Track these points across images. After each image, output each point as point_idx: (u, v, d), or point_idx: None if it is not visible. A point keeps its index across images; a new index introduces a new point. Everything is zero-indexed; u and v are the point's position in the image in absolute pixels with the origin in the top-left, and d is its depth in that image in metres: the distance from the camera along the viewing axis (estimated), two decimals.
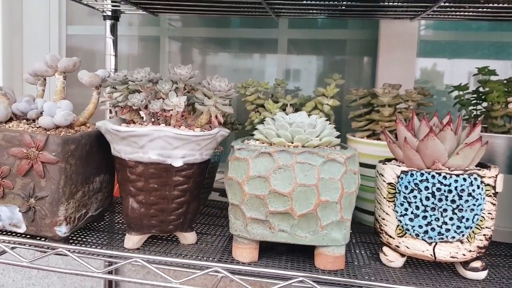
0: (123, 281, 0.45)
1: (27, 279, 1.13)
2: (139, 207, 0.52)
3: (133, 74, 0.52)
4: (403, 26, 0.91)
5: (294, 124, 0.52)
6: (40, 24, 1.15)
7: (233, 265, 0.46)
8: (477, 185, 0.47)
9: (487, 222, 0.48)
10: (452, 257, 0.48)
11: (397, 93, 0.67)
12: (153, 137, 0.49)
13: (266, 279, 0.45)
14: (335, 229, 0.49)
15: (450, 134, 0.49)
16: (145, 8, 0.90)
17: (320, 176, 0.48)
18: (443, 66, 1.02)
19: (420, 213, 0.48)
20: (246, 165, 0.49)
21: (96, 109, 0.59)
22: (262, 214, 0.49)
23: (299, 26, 1.05)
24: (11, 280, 1.14)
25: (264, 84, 0.73)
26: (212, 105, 0.54)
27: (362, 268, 0.51)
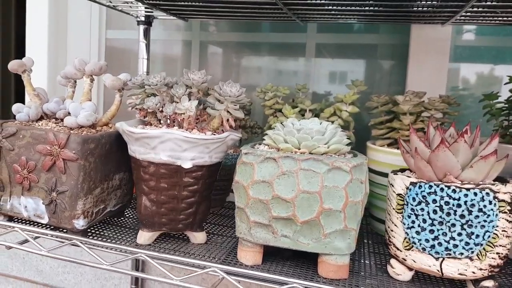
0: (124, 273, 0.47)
1: (62, 267, 1.21)
2: (151, 205, 0.55)
3: (149, 78, 0.55)
4: (434, 31, 0.88)
5: (302, 131, 0.52)
6: (82, 29, 1.23)
7: (230, 266, 0.47)
8: (489, 200, 0.44)
9: (501, 240, 0.46)
10: (460, 274, 0.46)
11: (419, 101, 0.65)
12: (164, 139, 0.51)
13: (262, 283, 0.46)
14: (338, 237, 0.49)
15: (464, 146, 0.47)
16: (175, 14, 0.93)
17: (323, 184, 0.48)
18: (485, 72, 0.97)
19: (427, 227, 0.46)
20: (251, 170, 0.50)
21: (118, 110, 0.63)
22: (265, 219, 0.50)
23: (328, 31, 1.04)
24: (48, 267, 1.23)
25: (282, 89, 0.73)
26: (224, 109, 0.55)
27: (367, 279, 0.51)
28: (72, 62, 0.67)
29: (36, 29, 1.20)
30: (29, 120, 0.60)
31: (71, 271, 1.20)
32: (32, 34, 1.21)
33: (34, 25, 1.20)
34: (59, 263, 1.21)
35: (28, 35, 1.21)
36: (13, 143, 0.56)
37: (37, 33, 1.20)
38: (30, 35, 1.21)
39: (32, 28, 1.21)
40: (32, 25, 1.21)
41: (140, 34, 1.01)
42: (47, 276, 1.23)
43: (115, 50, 1.26)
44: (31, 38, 1.21)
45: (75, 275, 1.20)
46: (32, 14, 1.20)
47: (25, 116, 0.60)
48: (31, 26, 1.21)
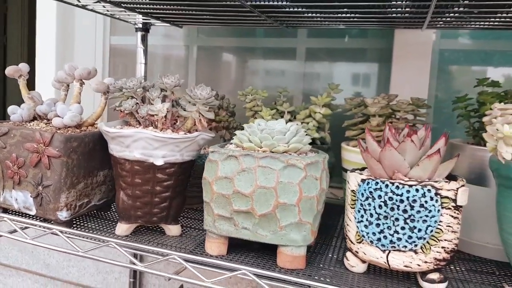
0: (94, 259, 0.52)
1: (67, 261, 1.28)
2: (127, 199, 0.59)
3: (127, 82, 0.59)
4: (416, 35, 0.90)
5: (264, 131, 0.56)
6: (87, 36, 1.30)
7: (186, 254, 0.51)
8: (430, 196, 0.47)
9: (446, 234, 0.48)
10: (406, 266, 0.49)
11: (386, 103, 0.67)
12: (136, 138, 0.55)
13: (216, 269, 0.50)
14: (294, 230, 0.52)
15: (410, 145, 0.50)
16: (168, 21, 0.99)
17: (279, 180, 0.51)
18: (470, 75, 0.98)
19: (374, 221, 0.49)
20: (216, 167, 0.54)
21: (103, 112, 0.68)
22: (227, 212, 0.54)
23: (317, 36, 1.08)
24: (55, 261, 1.30)
25: (261, 92, 0.77)
26: (195, 111, 0.59)
27: (322, 270, 0.54)
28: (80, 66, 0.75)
29: (45, 36, 1.28)
30: (22, 120, 0.66)
31: (75, 265, 1.27)
32: (42, 41, 1.29)
33: (43, 33, 1.28)
34: (64, 257, 1.28)
35: (38, 42, 1.29)
36: (5, 141, 0.61)
37: (46, 40, 1.28)
38: (39, 42, 1.29)
39: (41, 35, 1.29)
40: (42, 33, 1.28)
41: (138, 40, 1.06)
42: (53, 269, 1.30)
43: (119, 55, 1.32)
44: (41, 45, 1.29)
45: (78, 269, 1.26)
46: (41, 23, 1.28)
47: (19, 117, 0.66)
48: (41, 34, 1.29)
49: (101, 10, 0.93)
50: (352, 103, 0.73)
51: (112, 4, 0.80)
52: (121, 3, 0.80)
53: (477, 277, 0.55)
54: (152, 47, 1.25)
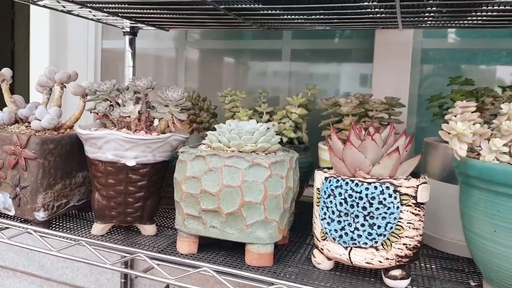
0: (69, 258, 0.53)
1: (61, 263, 1.30)
2: (102, 200, 0.61)
3: (101, 85, 0.61)
4: (396, 35, 0.91)
5: (233, 131, 0.57)
6: (79, 40, 1.32)
7: (153, 252, 0.52)
8: (388, 193, 0.48)
9: (407, 231, 0.49)
10: (367, 263, 0.49)
11: (358, 103, 0.68)
12: (108, 139, 0.57)
13: (182, 267, 0.51)
14: (260, 228, 0.53)
15: (371, 144, 0.51)
16: (154, 25, 1.00)
17: (244, 179, 0.53)
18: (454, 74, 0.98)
19: (335, 218, 0.50)
20: (185, 167, 0.56)
21: (81, 114, 0.70)
22: (196, 211, 0.55)
23: (302, 37, 1.09)
24: (49, 262, 1.32)
25: (240, 94, 0.78)
26: (167, 112, 0.61)
27: (290, 267, 0.55)
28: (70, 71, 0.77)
29: (38, 41, 1.30)
30: (3, 123, 0.68)
31: (69, 266, 1.29)
32: (35, 46, 1.31)
33: (36, 38, 1.31)
34: (58, 259, 1.30)
35: (32, 47, 1.32)
36: None
37: (40, 45, 1.30)
38: (33, 47, 1.32)
39: (35, 40, 1.31)
40: (35, 38, 1.31)
41: (126, 44, 1.08)
42: (48, 271, 1.32)
43: (111, 58, 1.34)
44: (34, 50, 1.31)
45: (72, 270, 1.28)
46: (35, 28, 1.31)
47: (0, 120, 0.67)
48: (34, 39, 1.31)
49: (88, 15, 0.95)
50: (327, 103, 0.74)
51: (94, 9, 0.82)
52: (103, 8, 0.82)
53: (445, 274, 0.56)
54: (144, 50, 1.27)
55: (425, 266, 0.58)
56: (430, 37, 0.97)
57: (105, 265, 0.51)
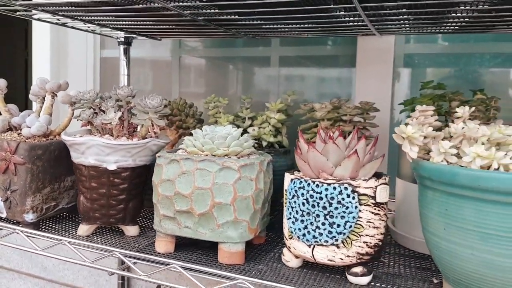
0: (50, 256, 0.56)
1: (62, 264, 1.34)
2: (86, 202, 0.65)
3: (85, 94, 0.65)
4: (377, 41, 0.93)
5: (207, 136, 0.60)
6: (79, 50, 1.37)
7: (128, 251, 0.56)
8: (347, 194, 0.50)
9: (367, 230, 0.51)
10: (330, 260, 0.52)
11: (332, 108, 0.71)
12: (89, 145, 0.61)
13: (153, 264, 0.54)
14: (231, 228, 0.56)
15: (333, 147, 0.53)
16: (146, 35, 1.04)
17: (215, 181, 0.56)
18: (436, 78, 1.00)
19: (299, 217, 0.53)
20: (161, 170, 0.59)
21: (70, 122, 0.74)
22: (171, 212, 0.58)
23: (289, 44, 1.12)
24: (51, 264, 1.36)
25: (223, 100, 0.82)
26: (147, 119, 0.64)
27: (260, 265, 0.57)
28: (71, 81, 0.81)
29: (40, 52, 1.36)
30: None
31: (69, 267, 1.33)
32: (37, 57, 1.37)
33: (38, 49, 1.36)
34: (59, 261, 1.35)
35: (34, 58, 1.37)
36: None
37: (41, 56, 1.36)
38: (35, 57, 1.37)
39: (37, 51, 1.37)
40: (37, 49, 1.37)
41: (121, 53, 1.12)
42: (50, 273, 1.37)
43: (109, 67, 1.39)
44: (36, 60, 1.37)
45: (73, 272, 1.33)
46: (37, 39, 1.36)
47: None
48: (36, 50, 1.37)
49: (82, 27, 0.99)
50: (305, 109, 0.77)
51: (84, 22, 0.86)
52: (92, 21, 0.86)
53: (411, 272, 0.58)
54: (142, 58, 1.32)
55: (393, 265, 0.60)
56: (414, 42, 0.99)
57: (85, 263, 0.54)
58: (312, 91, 1.11)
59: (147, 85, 1.35)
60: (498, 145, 0.45)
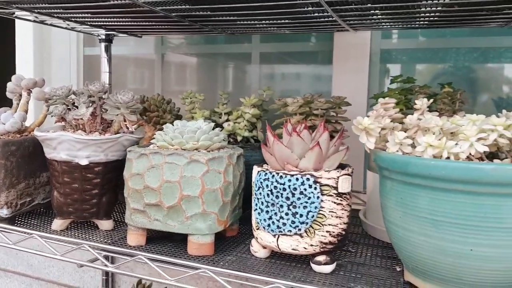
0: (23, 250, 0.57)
1: (48, 261, 1.35)
2: (60, 197, 0.65)
3: (57, 90, 0.66)
4: (354, 37, 0.94)
5: (177, 130, 0.61)
6: (63, 47, 1.37)
7: (96, 243, 0.57)
8: (309, 184, 0.52)
9: (329, 219, 0.53)
10: (293, 249, 0.53)
11: (303, 102, 0.72)
12: (60, 140, 0.61)
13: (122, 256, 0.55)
14: (199, 220, 0.57)
15: (297, 139, 0.55)
16: (126, 32, 1.05)
17: (183, 174, 0.57)
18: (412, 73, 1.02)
19: (264, 208, 0.54)
20: (131, 164, 0.60)
21: (45, 118, 0.74)
22: (141, 205, 0.59)
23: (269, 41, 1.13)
24: (37, 262, 1.37)
25: (199, 96, 0.83)
26: (118, 114, 0.65)
27: (229, 256, 0.59)
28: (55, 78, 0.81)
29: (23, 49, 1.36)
30: None
31: (55, 265, 1.34)
32: (20, 55, 1.37)
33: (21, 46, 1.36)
34: (45, 258, 1.35)
35: (17, 55, 1.37)
36: None
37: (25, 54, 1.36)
38: (19, 55, 1.37)
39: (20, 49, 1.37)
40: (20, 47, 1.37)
41: (102, 51, 1.13)
42: (36, 270, 1.37)
43: (93, 64, 1.39)
44: (20, 58, 1.37)
45: (58, 268, 1.33)
46: (20, 37, 1.36)
47: None
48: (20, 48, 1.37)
49: (61, 24, 0.99)
50: (279, 103, 0.78)
51: (61, 19, 0.87)
52: (70, 18, 0.87)
53: (377, 261, 0.59)
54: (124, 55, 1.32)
55: (360, 254, 0.62)
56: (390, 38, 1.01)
57: (55, 256, 0.55)
58: (293, 86, 1.12)
59: (130, 83, 1.35)
60: (452, 135, 0.47)
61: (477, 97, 0.99)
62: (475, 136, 0.42)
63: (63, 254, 0.55)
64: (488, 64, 0.98)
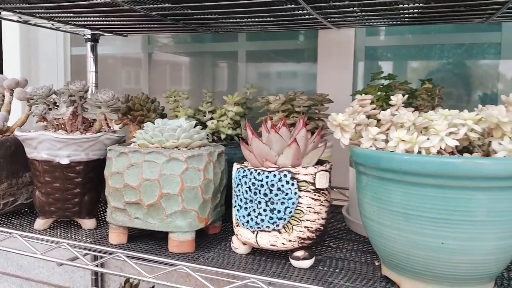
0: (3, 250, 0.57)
1: (37, 262, 1.34)
2: (41, 196, 0.65)
3: (37, 90, 0.65)
4: (338, 34, 0.95)
5: (157, 129, 0.61)
6: (50, 47, 1.37)
7: (76, 241, 0.57)
8: (286, 180, 0.52)
9: (307, 215, 0.53)
10: (272, 245, 0.54)
11: (284, 100, 0.72)
12: (41, 139, 0.61)
13: (100, 253, 0.55)
14: (179, 217, 0.58)
15: (275, 136, 0.55)
16: (111, 31, 1.05)
17: (162, 172, 0.57)
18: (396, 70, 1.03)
19: (243, 205, 0.55)
20: (111, 163, 0.60)
21: (27, 118, 0.74)
22: (121, 204, 0.59)
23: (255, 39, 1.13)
24: (26, 262, 1.36)
25: (182, 94, 0.83)
26: (99, 113, 0.65)
27: (210, 253, 0.59)
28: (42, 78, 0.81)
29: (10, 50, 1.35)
30: None
31: (44, 265, 1.34)
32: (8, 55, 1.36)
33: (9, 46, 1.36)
34: (34, 259, 1.35)
35: (4, 56, 1.37)
36: None
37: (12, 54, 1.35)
38: (6, 56, 1.37)
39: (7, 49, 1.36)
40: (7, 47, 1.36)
41: (88, 50, 1.12)
42: (26, 270, 1.37)
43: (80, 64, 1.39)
44: (7, 59, 1.36)
45: (48, 269, 1.33)
46: (7, 37, 1.36)
47: None
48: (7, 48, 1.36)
49: (46, 24, 0.99)
50: (262, 101, 0.78)
51: (43, 19, 0.86)
52: (53, 18, 0.87)
53: (356, 256, 0.60)
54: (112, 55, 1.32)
55: (341, 249, 0.62)
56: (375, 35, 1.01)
57: (35, 255, 0.55)
58: (279, 84, 1.13)
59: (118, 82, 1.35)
60: (425, 129, 0.47)
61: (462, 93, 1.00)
62: (446, 130, 0.43)
63: (43, 253, 0.55)
64: (472, 60, 0.98)
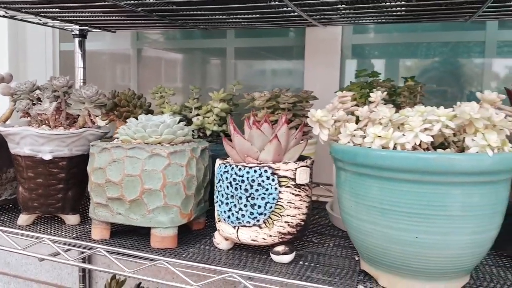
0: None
1: (25, 259, 1.34)
2: (25, 192, 0.65)
3: (21, 85, 0.65)
4: (325, 32, 0.95)
5: (140, 124, 0.62)
6: (38, 43, 1.36)
7: (57, 237, 0.57)
8: (266, 176, 0.52)
9: (288, 210, 0.54)
10: (253, 240, 0.54)
11: (269, 97, 0.73)
12: (23, 135, 0.61)
13: (81, 249, 0.55)
14: (161, 213, 0.58)
15: (257, 132, 0.55)
16: (99, 27, 1.05)
17: (144, 168, 0.57)
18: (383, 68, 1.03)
19: (224, 200, 0.55)
20: (94, 159, 0.60)
21: (12, 114, 0.74)
22: (103, 199, 0.59)
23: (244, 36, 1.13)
24: (14, 259, 1.36)
25: (168, 91, 0.83)
26: (83, 109, 0.65)
27: (192, 248, 0.59)
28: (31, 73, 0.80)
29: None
30: None
31: (32, 262, 1.33)
32: None
33: None
34: (22, 256, 1.34)
35: None
36: None
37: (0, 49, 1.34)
38: None
39: None
40: None
41: (76, 46, 1.12)
42: (14, 267, 1.36)
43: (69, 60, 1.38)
44: None
45: (35, 266, 1.33)
46: None
47: None
48: None
49: (33, 19, 0.98)
50: (247, 98, 0.78)
51: (29, 14, 0.86)
52: (39, 13, 0.86)
53: (337, 251, 0.61)
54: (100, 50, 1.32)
55: (322, 245, 0.63)
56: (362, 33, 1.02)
57: (17, 250, 0.55)
58: (268, 81, 1.13)
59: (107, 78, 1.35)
60: (402, 126, 0.48)
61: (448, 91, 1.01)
62: (420, 126, 0.44)
63: (24, 248, 0.56)
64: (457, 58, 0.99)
